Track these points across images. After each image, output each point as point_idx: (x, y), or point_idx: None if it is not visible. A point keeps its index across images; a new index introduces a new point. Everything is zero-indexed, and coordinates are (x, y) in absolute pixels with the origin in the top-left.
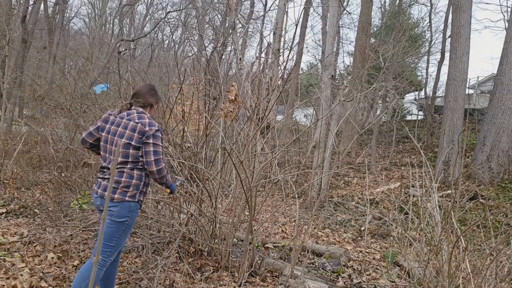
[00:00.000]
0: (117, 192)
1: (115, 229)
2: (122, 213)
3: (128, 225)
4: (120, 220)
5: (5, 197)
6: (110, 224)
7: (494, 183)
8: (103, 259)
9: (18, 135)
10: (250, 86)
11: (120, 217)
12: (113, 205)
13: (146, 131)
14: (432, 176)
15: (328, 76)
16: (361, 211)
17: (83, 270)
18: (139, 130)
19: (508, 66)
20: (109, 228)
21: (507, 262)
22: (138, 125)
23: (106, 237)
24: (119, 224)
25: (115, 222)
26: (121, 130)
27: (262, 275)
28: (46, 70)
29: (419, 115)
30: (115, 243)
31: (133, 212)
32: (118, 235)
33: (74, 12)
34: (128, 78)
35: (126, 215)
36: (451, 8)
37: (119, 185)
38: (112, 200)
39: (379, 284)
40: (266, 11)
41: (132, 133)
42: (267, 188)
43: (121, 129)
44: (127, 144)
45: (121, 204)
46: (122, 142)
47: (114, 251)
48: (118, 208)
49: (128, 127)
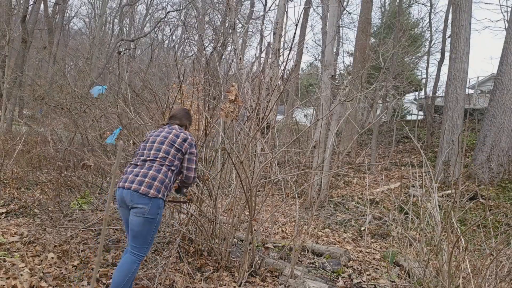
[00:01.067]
0: (152, 187)
1: (148, 227)
2: (152, 210)
3: (158, 221)
4: (152, 217)
5: (5, 197)
6: (144, 223)
7: (494, 183)
8: (142, 255)
9: (18, 135)
10: (250, 86)
11: (153, 214)
12: (146, 202)
13: (188, 140)
14: (432, 176)
15: (328, 76)
16: (361, 211)
17: (123, 265)
18: (182, 137)
19: (508, 66)
20: (143, 227)
21: (507, 262)
22: (181, 133)
23: (142, 236)
24: (151, 222)
25: (148, 220)
26: (164, 134)
27: (262, 275)
28: (46, 70)
29: (419, 115)
30: (151, 239)
31: (160, 209)
32: (152, 232)
33: (74, 12)
34: (128, 79)
35: (156, 212)
36: (451, 8)
37: (154, 181)
38: (147, 195)
39: (379, 284)
40: (266, 11)
41: (176, 137)
42: (267, 188)
43: (165, 133)
44: (170, 143)
45: (153, 201)
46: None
47: (150, 246)
48: (149, 205)
49: (172, 132)
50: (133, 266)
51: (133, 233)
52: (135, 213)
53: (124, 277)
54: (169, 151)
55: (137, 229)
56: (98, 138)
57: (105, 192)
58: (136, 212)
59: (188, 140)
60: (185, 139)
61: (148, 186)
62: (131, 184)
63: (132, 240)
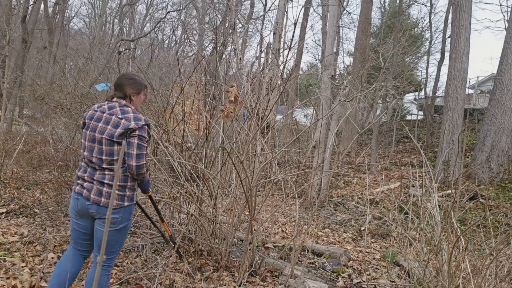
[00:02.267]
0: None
1: (118, 236)
2: (124, 218)
3: (128, 226)
4: (122, 226)
5: (5, 197)
6: (112, 234)
7: (494, 183)
8: (110, 265)
9: (18, 135)
10: (250, 86)
11: (122, 223)
12: (114, 212)
13: (131, 126)
14: (432, 176)
15: (328, 76)
16: (361, 211)
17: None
18: (123, 126)
19: (508, 66)
20: (112, 237)
21: (507, 262)
22: (122, 121)
23: (110, 246)
24: (121, 230)
25: (116, 231)
26: (101, 128)
27: (262, 275)
28: (46, 70)
29: (419, 115)
30: (119, 247)
31: (130, 214)
32: (122, 240)
33: (74, 12)
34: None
35: (127, 219)
36: (451, 8)
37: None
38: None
39: (379, 284)
40: (266, 11)
41: (114, 129)
42: (267, 188)
43: (102, 124)
44: (109, 141)
45: (121, 210)
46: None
47: (118, 253)
48: (120, 214)
49: (111, 122)
50: (103, 279)
51: (99, 243)
52: (101, 223)
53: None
54: (112, 151)
55: (108, 239)
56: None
57: None
58: (102, 222)
59: (131, 127)
60: (126, 127)
61: (108, 197)
62: (90, 194)
63: (97, 251)
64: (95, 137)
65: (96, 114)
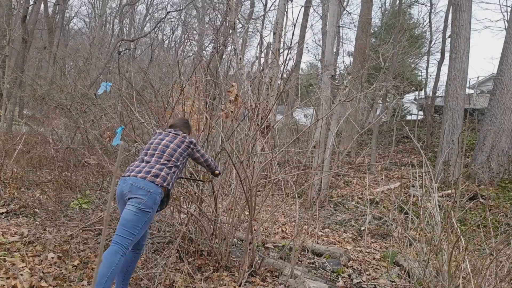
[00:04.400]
0: (158, 177)
1: (139, 217)
2: (148, 203)
3: (149, 217)
4: (146, 210)
5: (5, 197)
6: (136, 213)
7: (494, 183)
8: (125, 246)
9: (18, 135)
10: (250, 86)
11: (147, 207)
12: (144, 193)
13: (193, 142)
14: (432, 176)
15: (328, 76)
16: (361, 211)
17: (106, 257)
18: (186, 143)
19: (508, 66)
20: (134, 216)
21: (507, 262)
22: (185, 140)
23: (130, 225)
24: (144, 214)
25: (141, 211)
26: (170, 139)
27: (262, 275)
28: (46, 70)
29: (419, 115)
30: (137, 233)
31: (155, 205)
32: (141, 225)
33: (74, 12)
34: (129, 78)
35: (151, 206)
36: (451, 8)
37: (160, 173)
38: (153, 182)
39: (379, 284)
40: (266, 11)
41: (181, 143)
42: (267, 188)
43: (170, 138)
44: (175, 147)
45: (151, 194)
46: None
47: (134, 241)
48: (147, 197)
49: (177, 138)
50: (116, 257)
51: (122, 222)
52: (131, 202)
53: (107, 269)
54: (173, 153)
55: (127, 217)
56: (98, 137)
57: (106, 191)
58: (132, 202)
59: (193, 143)
60: (190, 142)
61: (154, 175)
62: (137, 174)
63: (118, 230)
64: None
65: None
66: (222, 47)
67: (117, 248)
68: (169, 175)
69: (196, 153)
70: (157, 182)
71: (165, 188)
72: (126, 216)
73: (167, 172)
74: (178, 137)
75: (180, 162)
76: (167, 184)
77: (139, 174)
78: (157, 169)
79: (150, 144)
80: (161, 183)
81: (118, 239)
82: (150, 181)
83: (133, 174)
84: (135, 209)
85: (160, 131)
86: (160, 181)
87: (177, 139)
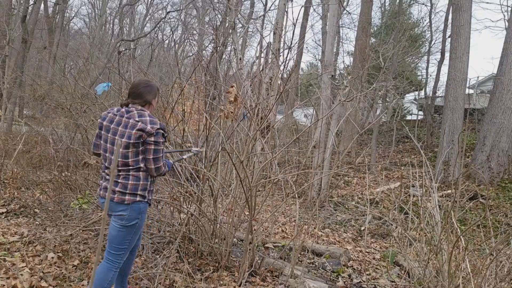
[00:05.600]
0: (126, 194)
1: (126, 232)
2: (132, 215)
3: (139, 226)
4: (131, 224)
5: (5, 197)
6: (121, 229)
7: (494, 183)
8: (117, 261)
9: (18, 135)
10: (250, 86)
11: (131, 220)
12: (123, 208)
13: (147, 129)
14: (432, 176)
15: (328, 76)
16: (361, 211)
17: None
18: (139, 128)
19: (508, 66)
20: (120, 232)
21: (507, 262)
22: (138, 124)
23: (117, 241)
24: (130, 227)
25: (125, 226)
26: (121, 130)
27: (262, 275)
28: (46, 70)
29: (419, 115)
30: (128, 245)
31: (142, 213)
32: (130, 238)
33: (74, 12)
34: (129, 78)
35: (136, 217)
36: (451, 8)
37: (126, 189)
38: (123, 203)
39: (379, 284)
40: (266, 11)
41: (130, 131)
42: (267, 188)
43: (121, 128)
44: (126, 144)
45: (131, 206)
46: (123, 142)
47: (127, 253)
48: (128, 211)
49: (128, 125)
50: (109, 274)
51: (110, 238)
52: (114, 219)
53: (100, 286)
54: (127, 154)
55: (114, 234)
56: None
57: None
58: (115, 218)
59: (147, 130)
60: (142, 129)
61: (120, 194)
62: (105, 193)
63: (108, 245)
64: (114, 140)
65: (116, 118)
66: (222, 47)
67: (109, 265)
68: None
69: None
70: (127, 201)
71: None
72: (113, 232)
73: (133, 187)
74: (129, 122)
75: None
76: (142, 198)
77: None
78: (121, 187)
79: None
80: (132, 200)
81: (109, 255)
82: (119, 202)
83: (102, 193)
84: (119, 226)
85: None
86: (130, 198)
87: (129, 126)
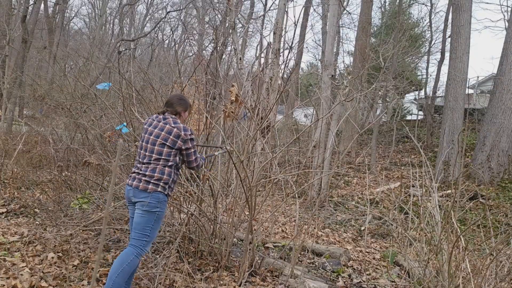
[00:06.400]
0: (150, 183)
1: (147, 219)
2: (152, 203)
3: (158, 215)
4: (152, 210)
5: (5, 197)
6: (143, 215)
7: (494, 183)
8: (140, 247)
9: (18, 135)
10: (251, 86)
11: (152, 208)
12: (145, 195)
13: (181, 136)
14: (432, 176)
15: (328, 76)
16: (361, 211)
17: (120, 256)
18: (174, 134)
19: (508, 66)
20: (142, 218)
21: (507, 262)
22: (174, 129)
23: (140, 227)
24: (151, 214)
25: (147, 212)
26: (156, 133)
27: (262, 274)
28: (46, 70)
29: (419, 115)
30: (149, 233)
31: (162, 203)
32: (151, 225)
33: (74, 12)
34: (129, 77)
35: (156, 206)
36: (451, 8)
37: (151, 179)
38: (146, 191)
39: (379, 284)
40: (266, 11)
41: (168, 135)
42: (267, 188)
43: (158, 130)
44: (162, 143)
45: (152, 194)
46: (158, 141)
47: (149, 241)
48: (148, 199)
49: (164, 129)
50: (129, 257)
51: (134, 225)
52: (137, 206)
53: (118, 266)
54: (161, 151)
55: (137, 220)
56: (98, 137)
57: (105, 191)
58: (138, 205)
59: (181, 137)
60: (178, 135)
61: (145, 183)
62: (133, 182)
63: (132, 233)
64: (150, 139)
65: (154, 122)
66: (222, 47)
67: (131, 249)
68: (162, 180)
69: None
70: (150, 189)
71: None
72: (136, 219)
73: (158, 179)
74: (166, 127)
75: (171, 159)
76: (162, 189)
77: (134, 183)
78: (148, 177)
79: (141, 141)
80: (153, 189)
81: (132, 241)
82: (142, 190)
83: (130, 182)
84: (141, 212)
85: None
86: (152, 187)
87: (165, 130)
